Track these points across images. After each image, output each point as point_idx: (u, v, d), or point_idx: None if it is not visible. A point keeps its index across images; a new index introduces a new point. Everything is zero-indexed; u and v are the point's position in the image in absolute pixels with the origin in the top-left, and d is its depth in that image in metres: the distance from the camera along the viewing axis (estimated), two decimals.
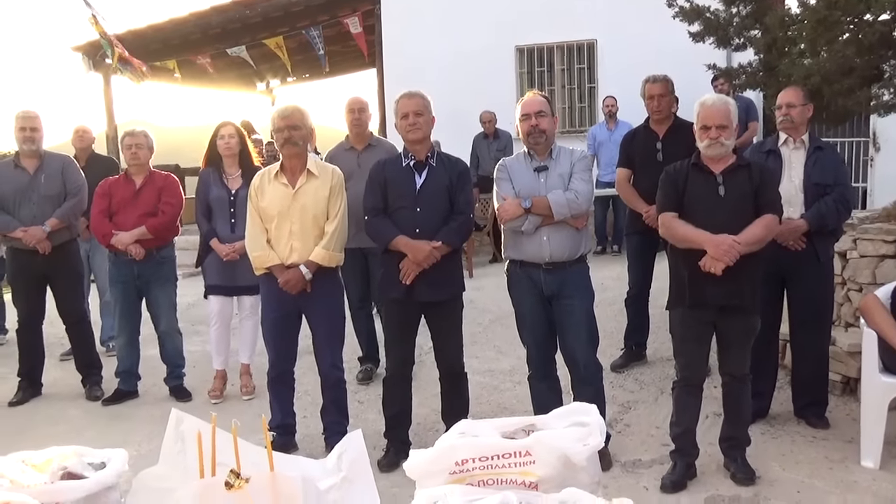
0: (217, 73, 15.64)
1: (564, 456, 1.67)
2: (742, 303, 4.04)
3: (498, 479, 1.65)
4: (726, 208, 3.98)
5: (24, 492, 1.69)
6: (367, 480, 2.05)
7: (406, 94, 4.54)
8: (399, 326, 4.59)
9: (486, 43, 12.40)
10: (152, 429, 5.33)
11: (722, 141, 3.98)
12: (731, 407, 4.26)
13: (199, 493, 1.71)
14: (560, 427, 1.81)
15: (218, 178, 5.75)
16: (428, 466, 1.73)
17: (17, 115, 6.02)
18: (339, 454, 2.11)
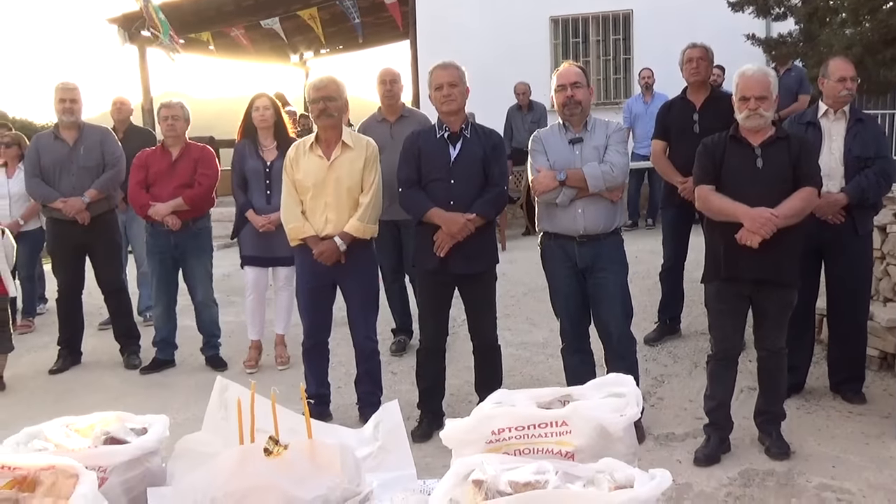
0: (251, 45, 15.67)
1: (601, 426, 1.67)
2: (778, 277, 4.00)
3: (534, 449, 1.66)
4: (764, 181, 3.93)
5: (70, 456, 1.73)
6: (403, 449, 2.07)
7: (440, 65, 4.52)
8: (433, 299, 4.61)
9: (521, 13, 12.33)
10: (189, 397, 5.42)
11: (761, 112, 3.93)
12: (766, 381, 4.24)
13: (239, 459, 1.74)
14: (596, 398, 1.81)
15: (253, 150, 5.77)
16: (464, 435, 1.73)
17: (56, 87, 6.08)
18: (375, 423, 2.14)
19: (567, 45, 12.66)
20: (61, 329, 6.33)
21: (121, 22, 14.10)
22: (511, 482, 1.43)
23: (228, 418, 2.01)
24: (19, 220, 7.31)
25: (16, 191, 7.21)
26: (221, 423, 2.01)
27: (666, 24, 11.27)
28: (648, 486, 1.40)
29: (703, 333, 6.04)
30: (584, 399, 1.82)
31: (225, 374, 5.87)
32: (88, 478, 1.61)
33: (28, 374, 6.18)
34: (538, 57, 12.37)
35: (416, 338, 6.07)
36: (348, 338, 4.91)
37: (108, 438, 1.89)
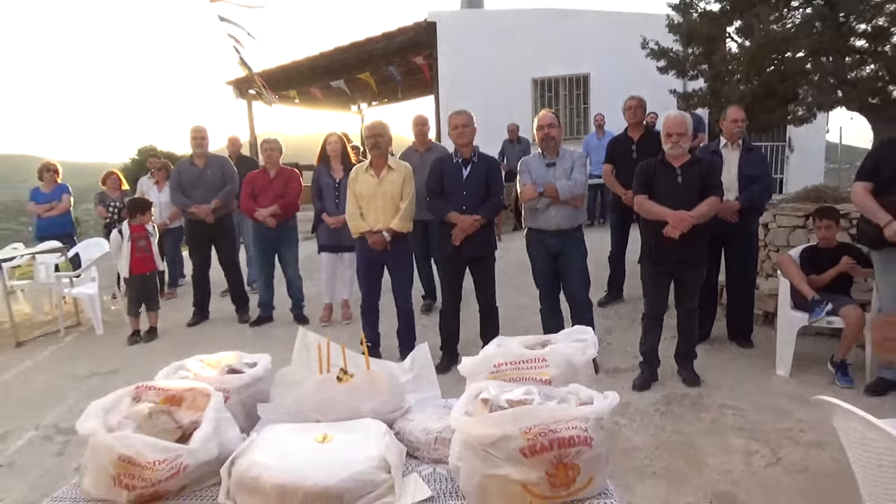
0: (323, 99, 15.66)
1: (570, 361, 1.68)
2: (692, 259, 3.98)
3: (522, 377, 1.66)
4: (683, 192, 3.91)
5: (204, 381, 1.75)
6: (431, 377, 2.08)
7: (456, 112, 4.51)
8: (451, 274, 4.60)
9: (512, 75, 12.25)
10: (283, 342, 5.39)
11: (680, 144, 3.91)
12: (683, 332, 4.22)
13: (319, 384, 1.75)
14: (566, 342, 1.80)
15: (327, 172, 5.77)
16: (474, 368, 1.74)
17: (191, 129, 6.11)
18: (412, 359, 2.15)
19: (543, 97, 12.58)
20: (195, 295, 6.37)
21: (235, 84, 14.13)
22: (508, 400, 1.44)
23: (309, 356, 2.03)
24: (166, 220, 7.36)
25: (164, 200, 7.25)
26: (304, 359, 2.02)
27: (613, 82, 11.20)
28: (604, 403, 1.41)
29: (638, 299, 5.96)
30: (558, 343, 1.82)
31: (307, 327, 5.88)
32: (217, 397, 1.63)
33: (173, 327, 6.23)
34: (523, 106, 12.29)
35: (438, 301, 6.07)
36: (392, 301, 4.90)
37: (229, 369, 1.91)
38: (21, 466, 3.45)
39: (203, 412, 1.59)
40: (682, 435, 3.49)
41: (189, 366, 1.86)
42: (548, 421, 1.32)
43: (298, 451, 1.44)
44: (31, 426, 3.98)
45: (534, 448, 1.29)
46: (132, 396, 1.62)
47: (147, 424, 1.51)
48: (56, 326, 6.38)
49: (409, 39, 12.45)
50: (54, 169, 7.50)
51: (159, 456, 1.40)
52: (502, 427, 1.32)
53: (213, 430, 1.50)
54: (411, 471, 1.54)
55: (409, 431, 1.65)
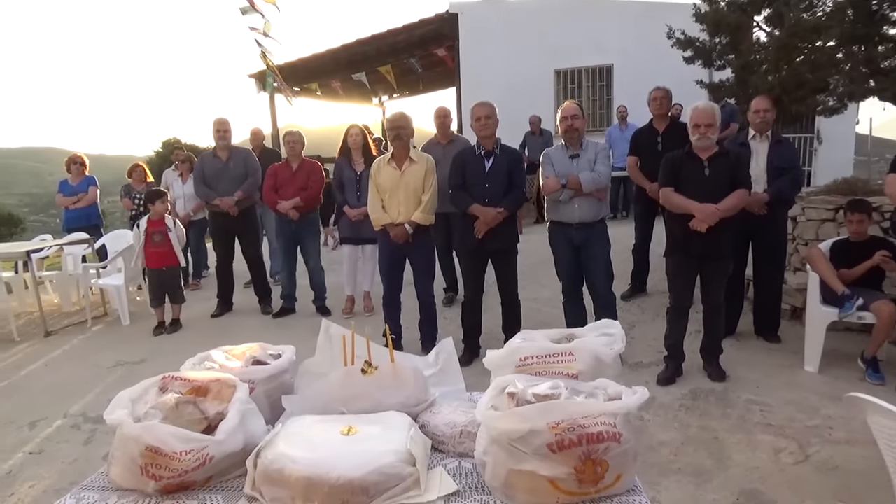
0: (344, 92, 15.68)
1: (597, 356, 1.65)
2: (719, 252, 3.91)
3: (549, 371, 1.64)
4: (710, 185, 3.83)
5: (229, 372, 1.75)
6: (455, 371, 2.06)
7: (479, 103, 4.47)
8: (474, 267, 4.57)
9: (534, 67, 12.16)
10: (306, 333, 5.40)
11: (708, 135, 3.83)
12: (709, 326, 4.16)
13: (344, 376, 1.75)
14: (593, 336, 1.78)
15: (348, 164, 5.77)
16: (500, 361, 1.72)
17: (214, 121, 6.14)
18: (436, 353, 2.13)
19: (566, 89, 12.45)
20: (219, 287, 6.43)
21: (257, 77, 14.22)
22: (535, 394, 1.42)
23: (333, 348, 2.03)
24: (190, 212, 7.43)
25: (188, 192, 7.32)
26: (328, 352, 2.02)
27: (636, 73, 11.05)
28: (633, 398, 1.38)
29: (663, 292, 5.91)
30: (584, 337, 1.80)
31: (329, 319, 5.93)
32: (243, 388, 1.63)
33: (197, 318, 6.29)
34: (546, 97, 12.20)
35: (460, 294, 6.06)
36: (413, 294, 4.90)
37: (254, 361, 1.91)
38: (50, 454, 3.51)
39: (228, 403, 1.59)
40: (708, 431, 3.44)
41: (214, 357, 1.86)
42: (576, 416, 1.30)
43: (323, 443, 1.43)
44: (59, 414, 4.05)
45: (562, 443, 1.27)
46: (159, 387, 1.62)
47: (174, 415, 1.51)
48: (83, 317, 6.48)
49: (431, 31, 12.41)
50: (81, 161, 7.60)
51: (186, 446, 1.41)
52: (530, 421, 1.30)
53: (238, 422, 1.50)
54: (436, 464, 1.53)
55: (434, 425, 1.64)
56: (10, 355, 5.49)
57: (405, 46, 12.90)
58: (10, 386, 4.71)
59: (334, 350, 2.00)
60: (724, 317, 4.21)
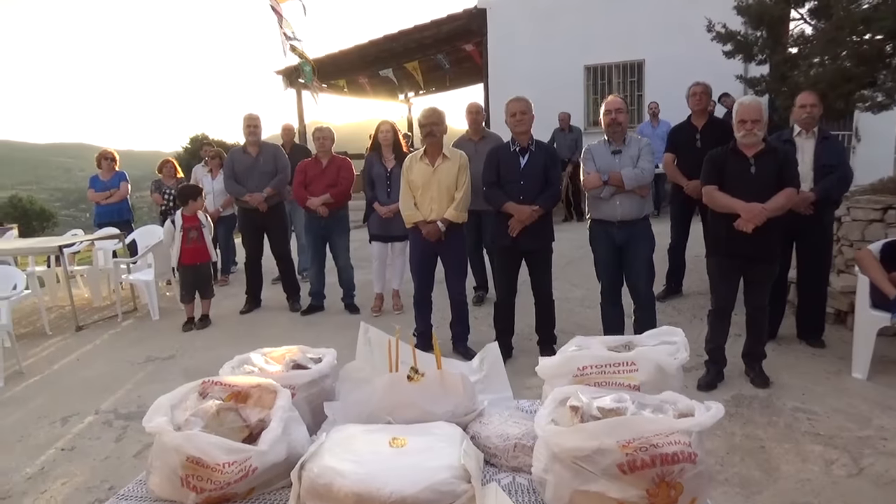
0: (371, 88, 15.64)
1: (660, 366, 1.54)
2: (766, 254, 3.76)
3: (609, 382, 1.54)
4: (756, 183, 3.68)
5: (270, 377, 1.68)
6: (502, 378, 1.97)
7: (514, 99, 4.36)
8: (507, 266, 4.47)
9: (563, 62, 11.98)
10: (334, 331, 5.42)
11: (755, 132, 3.68)
12: (752, 330, 4.01)
13: (389, 383, 1.66)
14: (653, 344, 1.67)
15: (378, 161, 5.70)
16: (555, 370, 1.62)
17: (244, 117, 6.11)
18: (481, 359, 2.05)
19: (596, 85, 12.26)
20: (247, 283, 6.41)
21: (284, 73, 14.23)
22: (599, 408, 1.32)
23: (373, 352, 1.95)
24: (220, 208, 7.43)
25: (218, 188, 7.32)
26: (368, 356, 1.94)
27: (668, 69, 10.82)
28: (707, 415, 1.27)
29: (699, 294, 5.79)
30: (644, 345, 1.69)
31: (357, 317, 5.90)
32: (285, 394, 1.56)
33: (226, 314, 6.28)
34: (575, 94, 12.03)
35: (490, 293, 5.97)
36: (444, 292, 4.81)
37: (294, 364, 1.83)
38: (82, 451, 3.49)
39: (269, 410, 1.51)
40: (754, 440, 3.30)
41: (254, 360, 1.79)
42: (648, 434, 1.20)
43: (372, 456, 1.35)
44: (91, 410, 4.04)
45: (633, 464, 1.17)
46: (199, 392, 1.55)
47: (215, 422, 1.44)
48: (114, 311, 6.51)
49: (459, 27, 12.29)
50: (112, 157, 7.64)
51: (229, 458, 1.33)
52: (598, 439, 1.20)
53: (282, 431, 1.43)
54: (489, 480, 1.44)
55: (486, 437, 1.55)
56: (43, 349, 5.52)
57: (432, 42, 12.80)
58: (42, 380, 4.73)
59: (374, 354, 1.93)
60: (767, 320, 4.06)
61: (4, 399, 4.36)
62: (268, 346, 1.97)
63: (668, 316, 5.41)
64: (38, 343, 5.69)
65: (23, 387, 4.59)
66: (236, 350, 1.92)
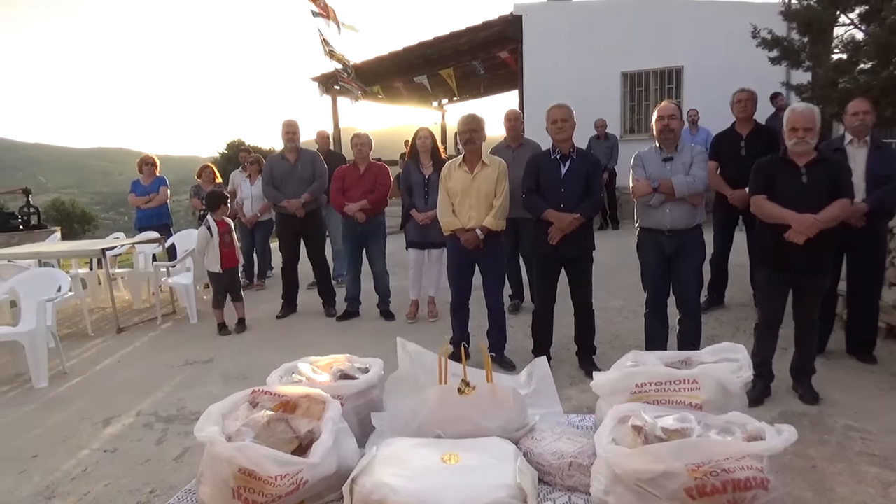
0: (406, 94, 15.70)
1: (723, 385, 1.48)
2: (817, 267, 3.63)
3: (669, 400, 1.48)
4: (808, 193, 3.55)
5: (318, 387, 1.66)
6: (551, 392, 1.93)
7: (556, 105, 4.31)
8: (546, 274, 4.41)
9: (599, 69, 11.85)
10: (370, 338, 5.41)
11: (807, 140, 3.55)
12: (801, 345, 3.87)
13: (439, 396, 1.63)
14: (714, 361, 1.61)
15: (416, 167, 5.69)
16: (612, 385, 1.57)
17: (283, 123, 6.16)
18: (529, 373, 2.00)
19: (633, 92, 12.10)
20: (284, 288, 6.44)
21: (320, 80, 14.38)
22: (664, 428, 1.27)
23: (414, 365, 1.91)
24: (257, 213, 7.50)
25: (256, 193, 7.39)
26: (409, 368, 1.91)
27: (708, 76, 10.65)
28: (779, 440, 1.21)
29: (742, 305, 5.65)
30: (702, 362, 1.63)
31: (392, 323, 5.89)
32: (334, 405, 1.54)
33: (262, 319, 6.32)
34: (612, 101, 11.90)
35: (527, 301, 5.91)
36: (481, 300, 4.76)
37: (342, 374, 1.81)
38: (123, 452, 3.53)
39: (318, 421, 1.49)
40: (805, 458, 3.18)
41: (301, 369, 1.78)
42: (718, 458, 1.14)
43: (425, 472, 1.32)
44: (132, 412, 4.09)
45: (703, 489, 1.12)
46: (249, 401, 1.54)
47: (265, 433, 1.42)
48: (153, 314, 6.61)
49: (495, 33, 12.26)
50: (153, 162, 7.78)
51: (281, 470, 1.31)
52: (664, 462, 1.15)
53: (333, 443, 1.40)
54: (544, 499, 1.40)
55: (539, 453, 1.50)
56: (85, 350, 5.62)
57: (468, 49, 12.79)
58: (85, 381, 4.80)
59: (415, 367, 1.89)
60: (816, 335, 3.92)
61: (49, 399, 4.44)
62: (303, 351, 1.96)
63: (710, 327, 5.28)
64: (81, 344, 5.79)
65: (66, 387, 4.67)
66: (273, 355, 1.92)
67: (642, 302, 4.40)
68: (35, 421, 4.05)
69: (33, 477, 3.28)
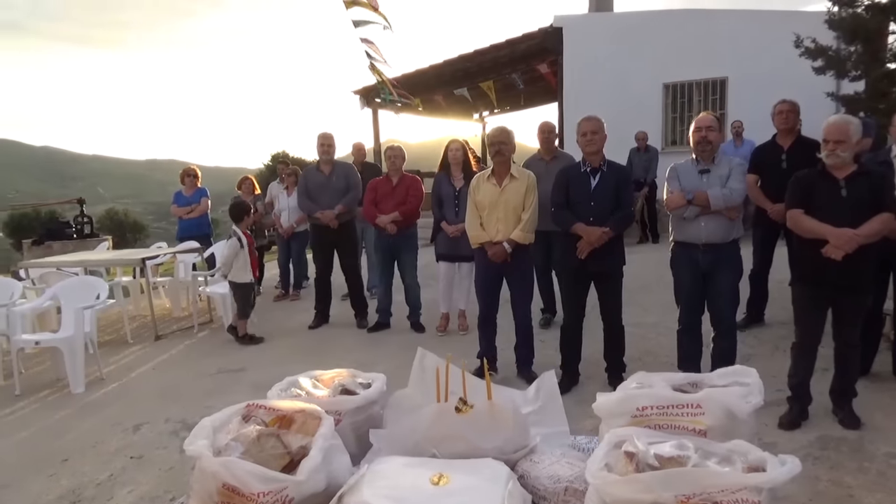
0: (446, 107, 15.75)
1: (730, 410, 1.41)
2: (856, 284, 3.47)
3: (671, 425, 1.42)
4: (847, 207, 3.41)
5: (316, 402, 1.64)
6: (558, 410, 1.87)
7: (586, 118, 4.24)
8: (575, 289, 4.33)
9: (641, 80, 11.66)
10: (399, 349, 5.40)
11: (838, 153, 3.42)
12: (842, 367, 3.69)
13: (436, 414, 1.59)
14: (723, 384, 1.53)
15: (447, 180, 5.69)
16: (614, 408, 1.51)
17: (318, 135, 6.24)
18: (536, 388, 1.95)
19: (675, 103, 11.86)
20: (317, 299, 6.50)
21: (362, 93, 14.54)
22: (657, 455, 1.20)
23: (426, 379, 1.89)
24: (294, 224, 7.61)
25: (293, 205, 7.49)
26: (421, 383, 1.89)
27: (753, 86, 10.36)
28: (781, 471, 1.13)
29: (782, 324, 5.43)
30: (711, 385, 1.55)
31: (423, 335, 5.88)
32: (328, 421, 1.52)
33: (296, 329, 6.39)
34: (653, 112, 11.70)
35: (558, 316, 5.81)
36: (509, 314, 4.71)
37: (342, 389, 1.79)
38: (149, 459, 3.59)
39: (313, 437, 1.48)
40: (842, 487, 3.02)
41: (302, 383, 1.77)
42: (712, 489, 1.08)
43: (412, 493, 1.29)
44: (161, 419, 4.16)
45: None
46: (242, 415, 1.53)
47: (255, 448, 1.41)
48: (191, 322, 6.74)
49: (535, 46, 12.21)
50: (194, 174, 7.98)
51: (264, 487, 1.30)
52: (653, 491, 1.09)
53: (321, 460, 1.38)
54: None
55: (535, 477, 1.45)
56: (123, 357, 5.77)
57: (508, 62, 12.76)
58: (120, 387, 4.93)
59: (427, 381, 1.86)
60: (858, 357, 3.74)
61: (84, 404, 4.57)
62: (331, 362, 1.97)
63: (748, 346, 5.10)
64: (120, 351, 5.95)
65: (102, 393, 4.80)
66: (301, 365, 1.92)
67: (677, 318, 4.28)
68: (70, 425, 4.16)
69: (61, 480, 3.37)
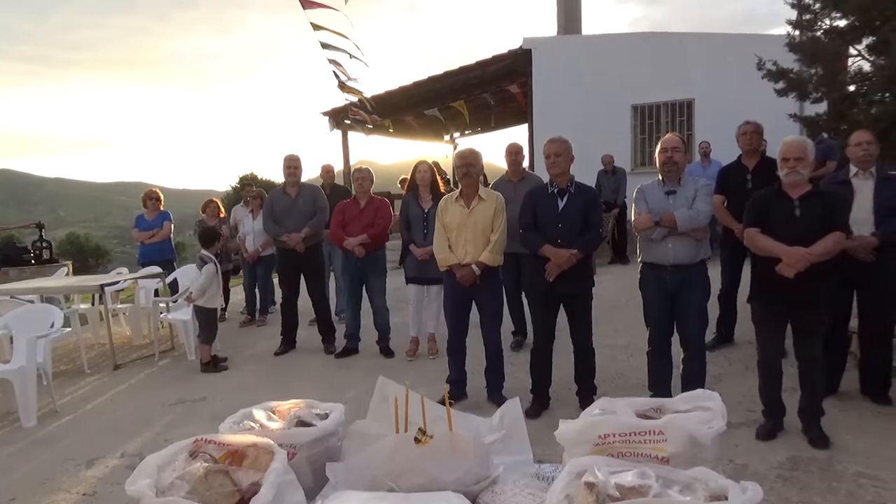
0: (417, 128, 15.83)
1: (692, 436, 1.40)
2: (810, 300, 3.55)
3: (634, 453, 1.40)
4: (801, 226, 3.52)
5: (269, 435, 1.59)
6: (522, 438, 1.84)
7: (550, 140, 4.29)
8: (544, 311, 4.33)
9: (609, 102, 11.88)
10: (367, 375, 5.30)
11: (798, 170, 3.53)
12: (806, 384, 3.75)
13: (394, 446, 1.56)
14: (686, 410, 1.52)
15: (415, 201, 5.68)
16: (576, 436, 1.49)
17: (284, 157, 6.21)
18: (501, 416, 1.92)
19: (643, 125, 12.09)
20: (283, 324, 6.41)
21: (331, 114, 14.54)
22: (618, 485, 1.19)
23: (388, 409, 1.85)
24: (259, 248, 7.51)
25: (258, 229, 7.40)
26: (382, 412, 1.85)
27: (718, 109, 10.61)
28: (742, 499, 1.12)
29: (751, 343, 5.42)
30: (675, 410, 1.55)
31: (391, 361, 5.81)
32: (281, 455, 1.47)
33: (261, 355, 6.29)
34: (622, 134, 11.90)
35: (529, 338, 5.80)
36: (479, 338, 4.68)
37: (298, 421, 1.74)
38: (102, 496, 3.46)
39: (264, 473, 1.42)
40: None
41: (255, 415, 1.72)
42: None
43: None
44: (116, 454, 4.02)
45: None
46: (189, 451, 1.48)
47: (202, 487, 1.36)
48: (152, 350, 6.58)
49: (504, 67, 12.37)
50: (157, 197, 7.86)
51: None
52: None
53: (272, 498, 1.33)
54: None
55: None
56: (79, 387, 5.59)
57: (478, 83, 12.91)
58: (74, 420, 4.76)
59: (388, 411, 1.82)
60: (821, 373, 3.79)
61: (35, 439, 4.40)
62: (297, 390, 1.93)
63: (718, 366, 5.15)
64: (76, 381, 5.77)
65: (55, 426, 4.63)
66: (268, 393, 1.87)
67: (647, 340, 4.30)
68: (18, 462, 4.00)
69: None
